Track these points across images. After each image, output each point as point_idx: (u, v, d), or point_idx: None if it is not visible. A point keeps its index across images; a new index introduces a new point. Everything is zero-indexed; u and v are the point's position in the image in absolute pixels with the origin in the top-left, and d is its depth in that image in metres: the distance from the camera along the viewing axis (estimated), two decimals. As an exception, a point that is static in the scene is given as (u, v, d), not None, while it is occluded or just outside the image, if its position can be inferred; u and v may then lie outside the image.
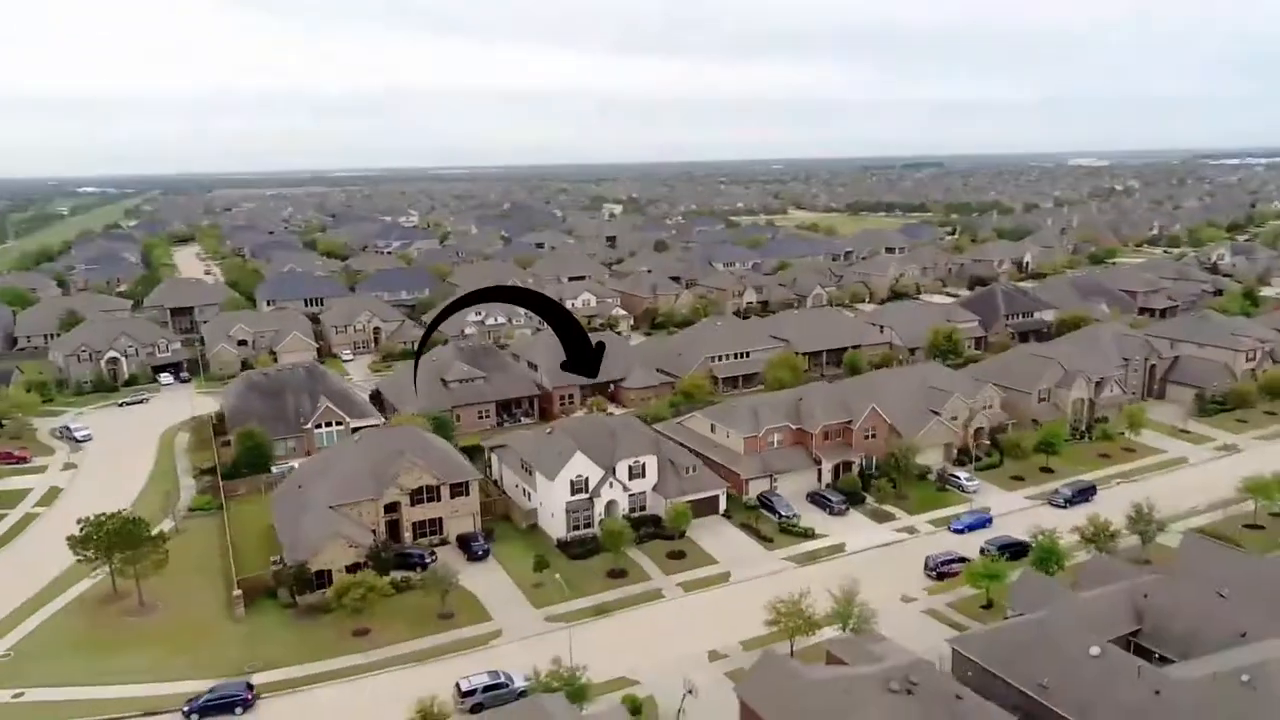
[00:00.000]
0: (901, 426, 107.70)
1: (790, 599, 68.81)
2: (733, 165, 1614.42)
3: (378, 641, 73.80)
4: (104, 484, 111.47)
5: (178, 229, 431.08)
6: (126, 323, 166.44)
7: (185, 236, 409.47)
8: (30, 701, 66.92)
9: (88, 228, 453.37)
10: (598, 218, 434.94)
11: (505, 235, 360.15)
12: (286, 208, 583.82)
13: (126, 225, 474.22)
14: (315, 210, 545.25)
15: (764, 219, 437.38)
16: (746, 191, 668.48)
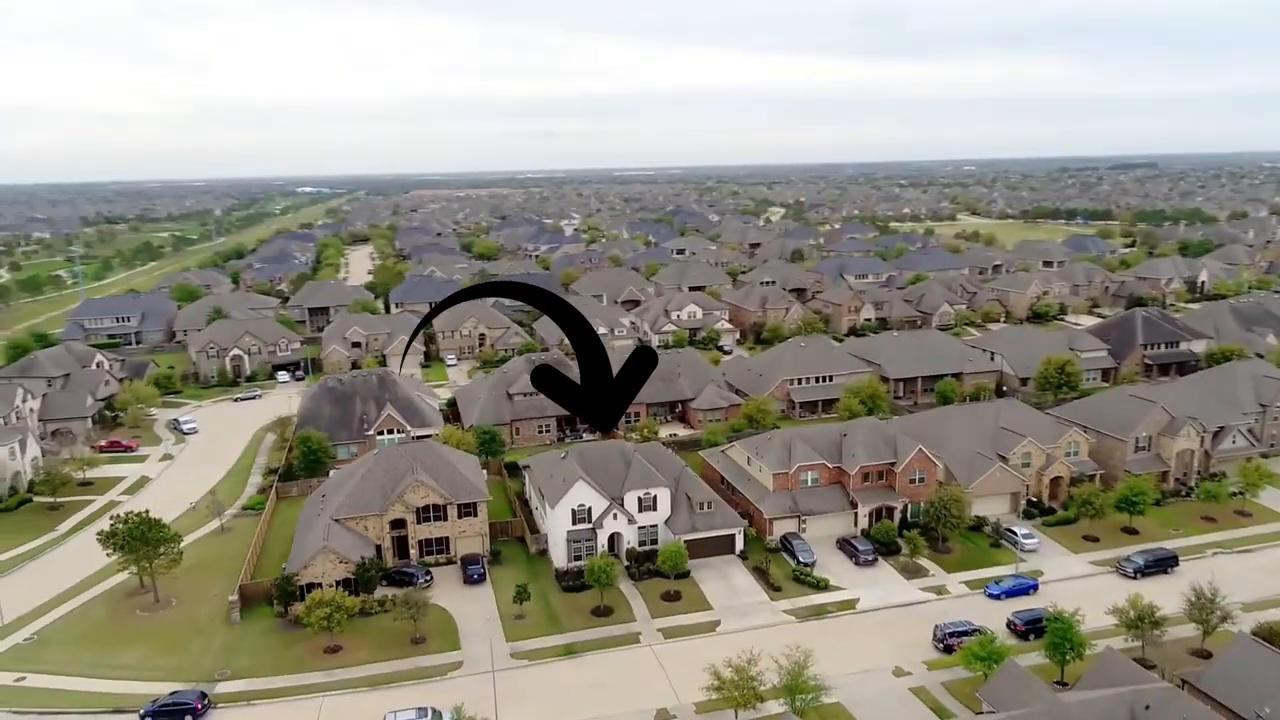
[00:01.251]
0: (959, 471, 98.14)
1: (741, 663, 63.62)
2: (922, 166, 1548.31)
3: (346, 661, 74.73)
4: (187, 477, 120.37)
5: (359, 229, 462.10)
6: (252, 322, 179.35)
7: (364, 237, 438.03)
8: (26, 687, 72.47)
9: (284, 226, 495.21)
10: (752, 223, 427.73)
11: (651, 240, 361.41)
12: (465, 209, 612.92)
13: (317, 224, 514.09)
14: (489, 212, 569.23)
15: (927, 225, 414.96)
16: (922, 195, 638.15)
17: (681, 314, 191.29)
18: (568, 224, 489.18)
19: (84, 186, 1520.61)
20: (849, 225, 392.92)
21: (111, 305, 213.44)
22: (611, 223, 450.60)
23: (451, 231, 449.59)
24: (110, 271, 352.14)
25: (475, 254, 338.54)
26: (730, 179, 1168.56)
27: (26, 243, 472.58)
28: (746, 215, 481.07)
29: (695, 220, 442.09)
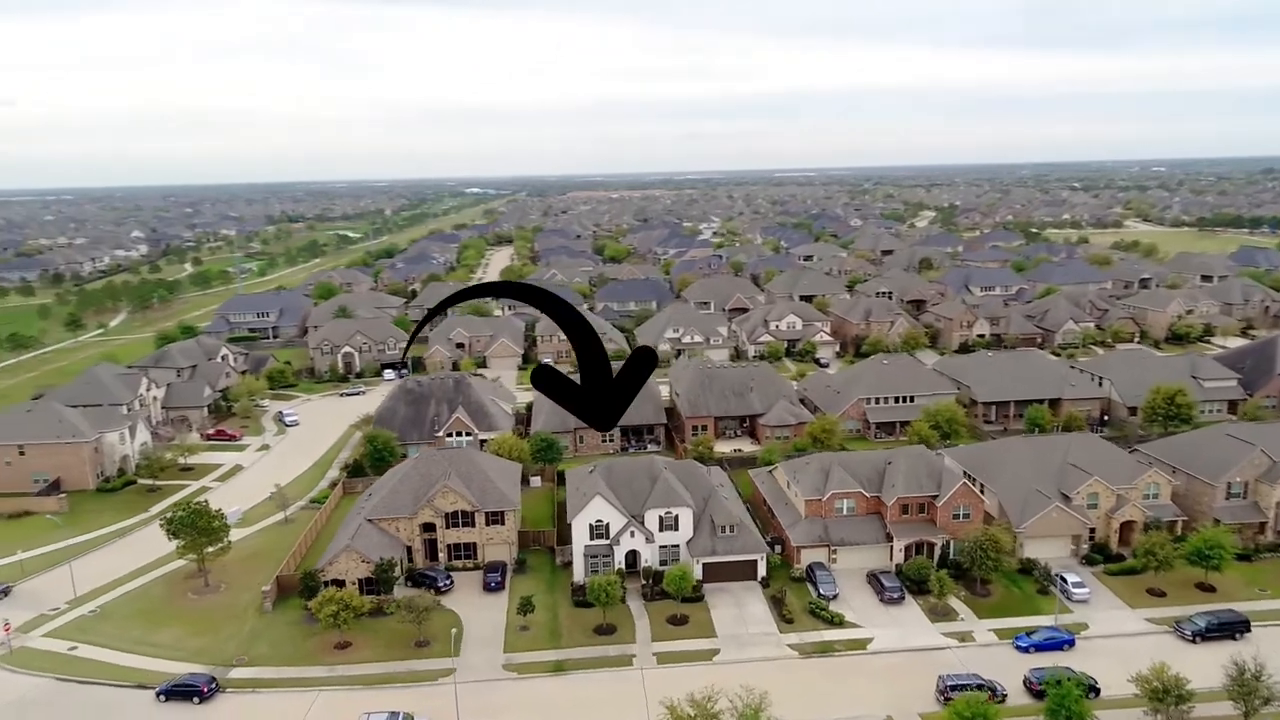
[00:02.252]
0: (1012, 508, 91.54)
1: (700, 700, 61.97)
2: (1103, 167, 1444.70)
3: (351, 658, 78.11)
4: (277, 467, 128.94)
5: (505, 230, 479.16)
6: (364, 321, 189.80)
7: (508, 238, 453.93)
8: (76, 656, 79.88)
9: (438, 228, 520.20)
10: (893, 228, 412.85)
11: (783, 246, 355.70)
12: (611, 211, 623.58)
13: (472, 225, 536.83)
14: (633, 214, 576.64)
15: (1082, 234, 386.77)
16: (1092, 200, 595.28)
17: (780, 324, 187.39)
18: (707, 227, 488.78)
19: (279, 186, 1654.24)
20: (996, 232, 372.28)
21: (254, 301, 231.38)
22: (749, 227, 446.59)
23: (591, 233, 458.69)
24: (274, 268, 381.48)
25: (605, 257, 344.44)
26: (891, 180, 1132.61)
27: (213, 240, 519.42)
28: (891, 220, 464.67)
29: (835, 225, 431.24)
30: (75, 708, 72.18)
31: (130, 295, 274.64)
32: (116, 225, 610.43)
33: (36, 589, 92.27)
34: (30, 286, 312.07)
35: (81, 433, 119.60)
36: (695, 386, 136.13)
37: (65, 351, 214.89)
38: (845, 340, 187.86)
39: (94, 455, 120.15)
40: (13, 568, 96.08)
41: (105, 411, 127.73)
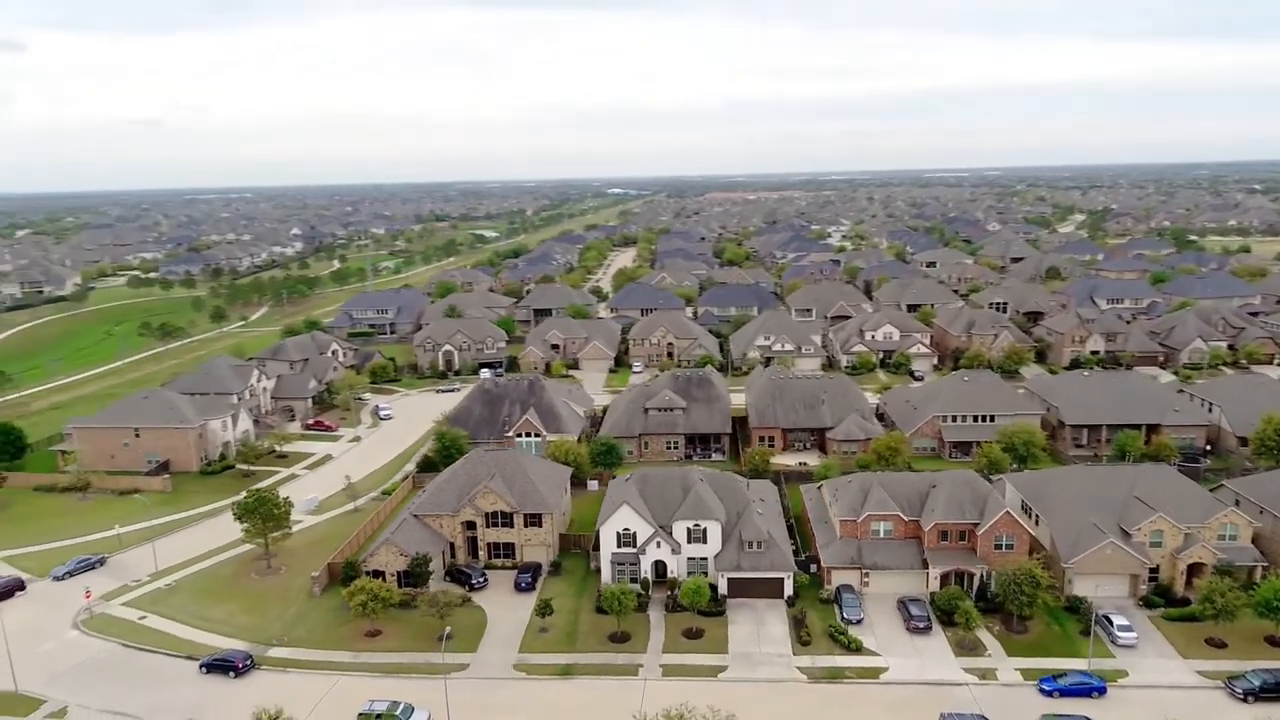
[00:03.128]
0: (1063, 541, 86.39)
1: (673, 716, 62.08)
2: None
3: (378, 646, 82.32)
4: (363, 458, 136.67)
5: (632, 232, 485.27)
6: (465, 321, 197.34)
7: (633, 239, 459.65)
8: (143, 624, 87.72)
9: (569, 229, 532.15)
10: (1034, 233, 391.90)
11: (908, 251, 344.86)
12: (743, 213, 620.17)
13: (604, 225, 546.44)
14: (763, 216, 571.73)
15: (1243, 243, 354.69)
16: (1270, 204, 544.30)
17: (876, 334, 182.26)
18: (836, 230, 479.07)
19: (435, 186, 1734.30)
20: (1144, 240, 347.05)
21: (375, 299, 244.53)
22: (878, 230, 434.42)
23: (717, 235, 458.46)
24: (410, 266, 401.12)
25: (724, 260, 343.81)
26: (1049, 181, 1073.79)
27: (362, 238, 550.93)
28: (1033, 225, 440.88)
29: (970, 229, 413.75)
30: (130, 673, 79.29)
31: (273, 290, 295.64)
32: (281, 223, 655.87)
33: (127, 561, 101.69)
34: (192, 279, 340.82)
35: (188, 419, 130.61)
36: (765, 397, 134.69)
37: (208, 341, 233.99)
38: (945, 353, 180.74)
39: (198, 440, 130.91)
40: (111, 541, 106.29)
41: (212, 400, 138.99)
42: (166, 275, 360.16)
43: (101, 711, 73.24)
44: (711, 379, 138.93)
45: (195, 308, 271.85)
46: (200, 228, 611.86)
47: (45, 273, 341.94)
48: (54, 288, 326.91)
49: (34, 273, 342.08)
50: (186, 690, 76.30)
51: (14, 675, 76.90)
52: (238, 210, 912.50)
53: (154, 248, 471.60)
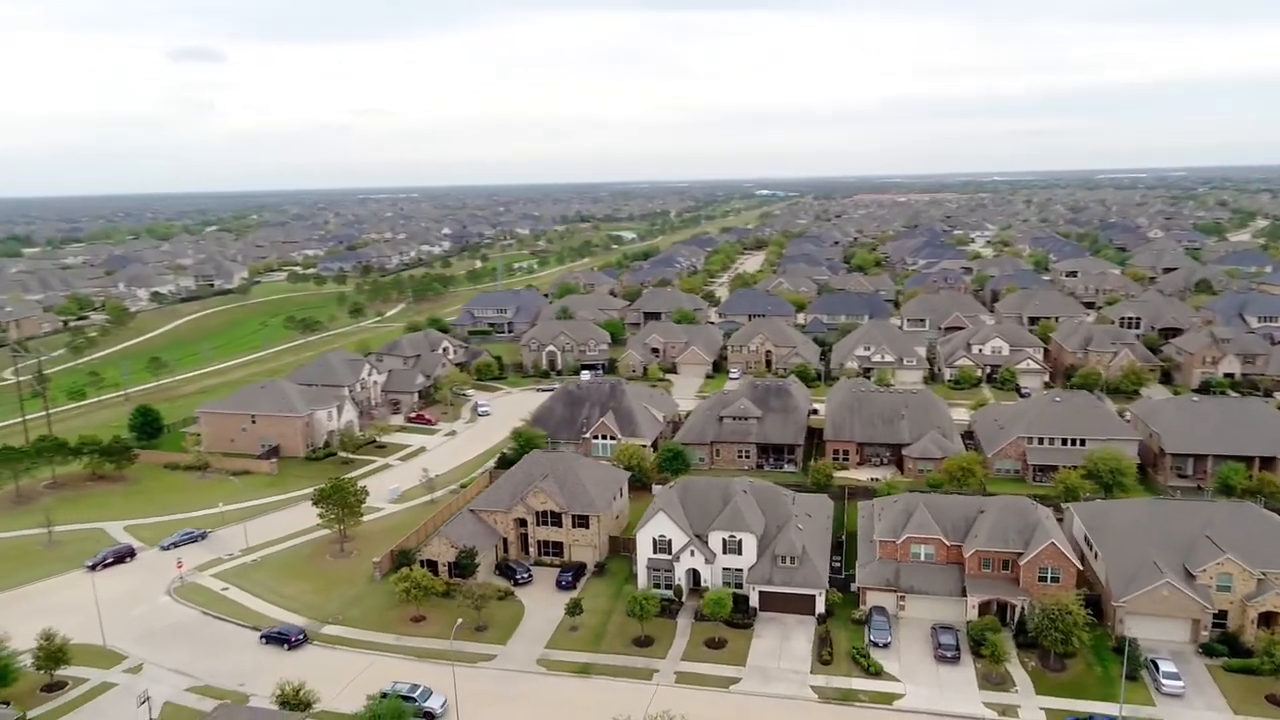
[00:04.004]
0: (1117, 577, 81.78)
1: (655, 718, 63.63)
2: None
3: (419, 631, 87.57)
4: (454, 452, 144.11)
5: (767, 235, 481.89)
6: (569, 322, 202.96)
7: (764, 243, 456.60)
8: (225, 595, 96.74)
9: (703, 231, 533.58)
10: (1199, 242, 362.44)
11: (1050, 259, 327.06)
12: (884, 216, 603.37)
13: (743, 227, 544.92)
14: (906, 220, 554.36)
15: None
16: None
17: (984, 348, 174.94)
18: (979, 235, 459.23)
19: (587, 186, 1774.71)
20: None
21: (495, 299, 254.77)
22: (1023, 236, 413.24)
23: (852, 240, 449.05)
24: (546, 266, 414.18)
25: (852, 265, 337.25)
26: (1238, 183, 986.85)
27: (507, 238, 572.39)
28: (1202, 232, 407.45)
29: (1127, 236, 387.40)
30: (203, 638, 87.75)
31: (410, 288, 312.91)
32: (436, 222, 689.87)
33: (225, 537, 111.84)
34: (344, 276, 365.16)
35: (296, 408, 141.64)
36: (842, 409, 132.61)
37: (343, 335, 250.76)
38: (1060, 369, 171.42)
39: (305, 428, 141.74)
40: (215, 517, 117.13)
41: (319, 391, 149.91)
42: (322, 271, 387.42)
43: (170, 670, 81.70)
44: (790, 389, 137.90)
45: (339, 303, 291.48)
46: (362, 226, 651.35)
47: (217, 267, 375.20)
48: (223, 281, 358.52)
49: (208, 267, 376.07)
50: (246, 658, 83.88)
51: (103, 632, 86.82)
52: (401, 210, 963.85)
53: (318, 245, 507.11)
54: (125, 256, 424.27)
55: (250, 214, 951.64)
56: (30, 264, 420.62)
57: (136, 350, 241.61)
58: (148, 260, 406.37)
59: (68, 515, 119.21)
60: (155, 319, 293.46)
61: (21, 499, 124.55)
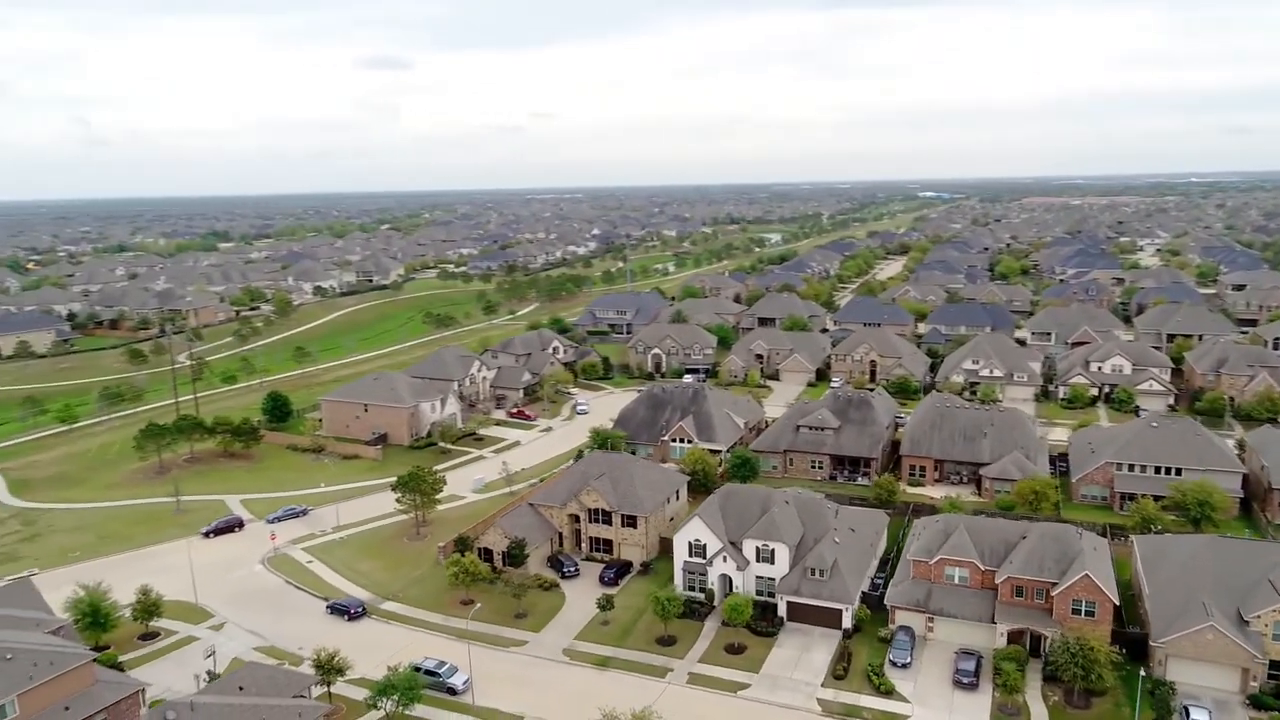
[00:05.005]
0: (1159, 616, 77.83)
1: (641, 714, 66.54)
2: None
3: (463, 613, 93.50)
4: (545, 447, 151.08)
5: (914, 240, 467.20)
6: (676, 327, 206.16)
7: (907, 248, 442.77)
8: (308, 567, 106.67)
9: (850, 235, 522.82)
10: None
11: (1220, 270, 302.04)
12: (1045, 221, 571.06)
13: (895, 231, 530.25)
14: (1068, 226, 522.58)
15: None
16: None
17: (1104, 366, 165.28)
18: (1149, 243, 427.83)
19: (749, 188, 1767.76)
20: None
21: (616, 300, 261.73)
22: (1194, 245, 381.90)
23: (1005, 246, 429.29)
24: (684, 268, 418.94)
25: (996, 274, 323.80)
26: None
27: (653, 239, 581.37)
28: None
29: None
30: (282, 604, 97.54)
31: (546, 288, 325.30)
32: (589, 222, 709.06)
33: (321, 515, 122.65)
34: (489, 275, 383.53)
35: (403, 400, 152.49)
36: (923, 424, 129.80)
37: (474, 331, 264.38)
38: (1188, 392, 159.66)
39: (410, 418, 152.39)
40: (316, 496, 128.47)
41: (428, 384, 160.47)
42: (471, 270, 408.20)
43: (245, 630, 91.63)
44: (872, 401, 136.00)
45: (478, 301, 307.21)
46: (519, 226, 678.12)
47: (376, 264, 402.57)
48: (380, 277, 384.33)
49: (369, 264, 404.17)
50: (311, 625, 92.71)
51: (196, 591, 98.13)
52: (561, 210, 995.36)
53: (473, 244, 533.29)
54: (300, 252, 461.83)
55: (423, 213, 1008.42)
56: (220, 258, 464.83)
57: (295, 340, 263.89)
58: (318, 256, 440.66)
59: (197, 487, 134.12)
60: (315, 311, 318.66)
61: (163, 470, 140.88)
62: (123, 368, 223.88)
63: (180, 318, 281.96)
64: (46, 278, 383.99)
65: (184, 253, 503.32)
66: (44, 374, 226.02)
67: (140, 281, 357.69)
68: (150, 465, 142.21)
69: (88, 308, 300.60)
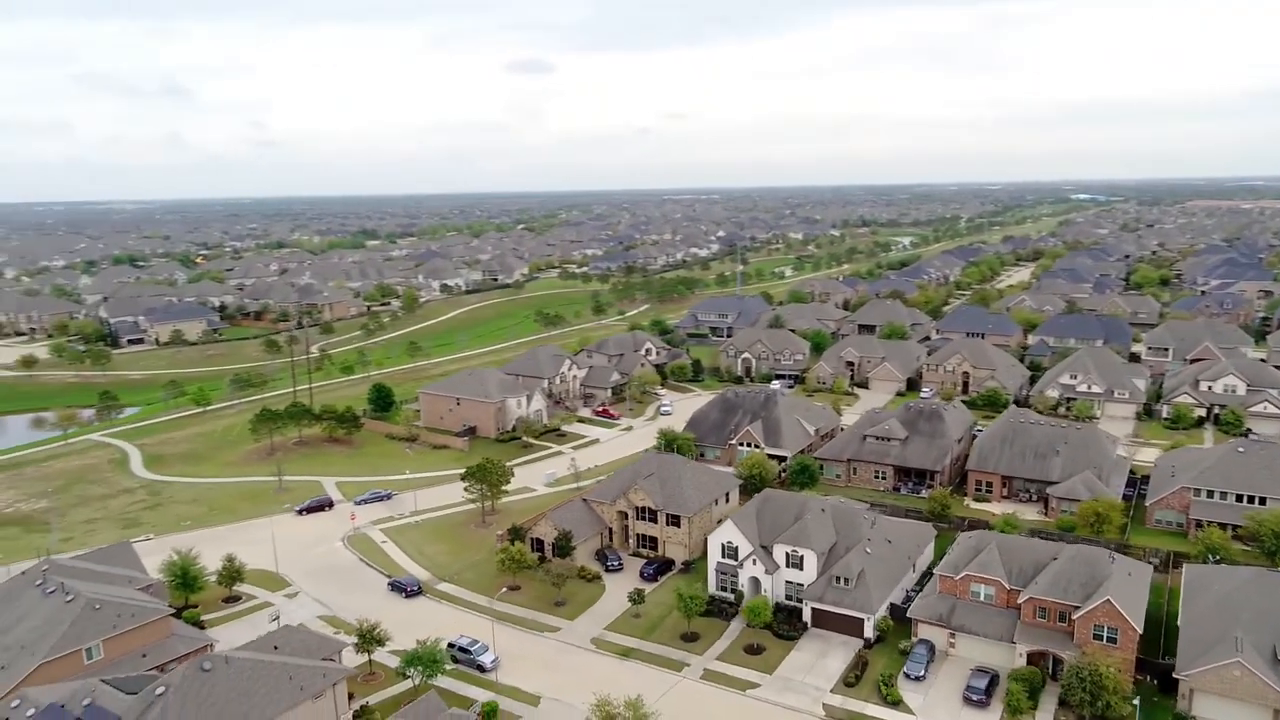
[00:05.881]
0: (1188, 648, 75.28)
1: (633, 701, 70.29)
2: None
3: (510, 599, 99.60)
4: (623, 445, 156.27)
5: (1047, 246, 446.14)
6: (769, 332, 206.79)
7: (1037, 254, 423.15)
8: (380, 547, 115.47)
9: (984, 239, 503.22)
10: None
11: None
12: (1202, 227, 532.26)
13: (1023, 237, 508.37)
14: (1230, 231, 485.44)
15: None
16: None
17: (1215, 385, 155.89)
18: None
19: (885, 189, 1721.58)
20: None
21: (719, 303, 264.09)
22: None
23: (1151, 253, 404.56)
24: (802, 271, 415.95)
25: (1132, 284, 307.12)
26: None
27: (777, 242, 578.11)
28: None
29: None
30: (351, 579, 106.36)
31: (654, 289, 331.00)
32: (717, 224, 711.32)
33: (403, 500, 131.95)
34: (606, 276, 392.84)
35: (490, 395, 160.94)
36: (993, 439, 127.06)
37: (582, 330, 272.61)
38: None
39: (497, 413, 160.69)
40: (401, 483, 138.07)
41: (514, 381, 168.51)
42: (591, 270, 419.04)
43: (314, 599, 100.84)
44: (943, 414, 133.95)
45: (590, 301, 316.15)
46: (646, 227, 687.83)
47: (502, 264, 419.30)
48: (505, 276, 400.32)
49: (495, 264, 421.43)
50: (372, 599, 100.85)
51: (277, 561, 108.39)
52: (693, 210, 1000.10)
53: (598, 244, 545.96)
54: (435, 251, 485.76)
55: (560, 213, 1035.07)
56: (364, 255, 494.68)
57: (417, 334, 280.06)
58: (451, 255, 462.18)
59: (299, 468, 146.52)
60: (440, 308, 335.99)
61: (273, 451, 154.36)
62: (260, 356, 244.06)
63: (316, 311, 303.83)
64: (208, 272, 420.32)
65: (333, 250, 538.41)
66: (192, 360, 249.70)
67: (288, 276, 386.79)
68: (263, 447, 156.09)
69: (238, 300, 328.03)
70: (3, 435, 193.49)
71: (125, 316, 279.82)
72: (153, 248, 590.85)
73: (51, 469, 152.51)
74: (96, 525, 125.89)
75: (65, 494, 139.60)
